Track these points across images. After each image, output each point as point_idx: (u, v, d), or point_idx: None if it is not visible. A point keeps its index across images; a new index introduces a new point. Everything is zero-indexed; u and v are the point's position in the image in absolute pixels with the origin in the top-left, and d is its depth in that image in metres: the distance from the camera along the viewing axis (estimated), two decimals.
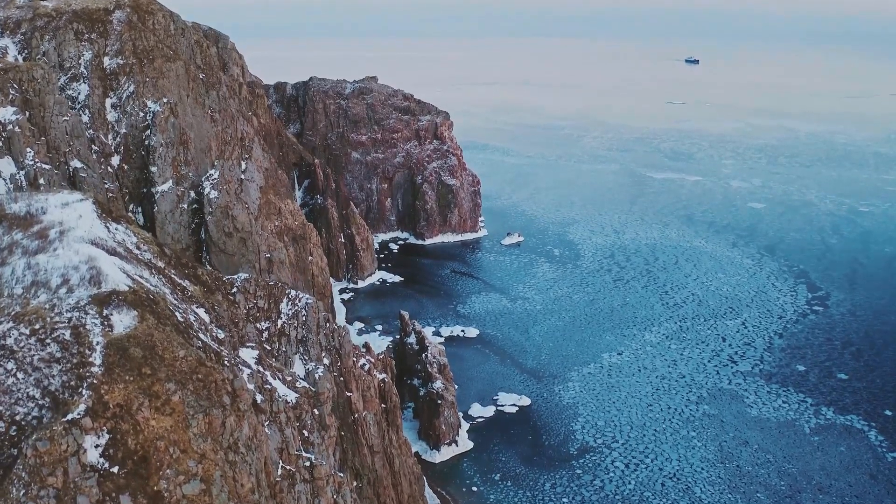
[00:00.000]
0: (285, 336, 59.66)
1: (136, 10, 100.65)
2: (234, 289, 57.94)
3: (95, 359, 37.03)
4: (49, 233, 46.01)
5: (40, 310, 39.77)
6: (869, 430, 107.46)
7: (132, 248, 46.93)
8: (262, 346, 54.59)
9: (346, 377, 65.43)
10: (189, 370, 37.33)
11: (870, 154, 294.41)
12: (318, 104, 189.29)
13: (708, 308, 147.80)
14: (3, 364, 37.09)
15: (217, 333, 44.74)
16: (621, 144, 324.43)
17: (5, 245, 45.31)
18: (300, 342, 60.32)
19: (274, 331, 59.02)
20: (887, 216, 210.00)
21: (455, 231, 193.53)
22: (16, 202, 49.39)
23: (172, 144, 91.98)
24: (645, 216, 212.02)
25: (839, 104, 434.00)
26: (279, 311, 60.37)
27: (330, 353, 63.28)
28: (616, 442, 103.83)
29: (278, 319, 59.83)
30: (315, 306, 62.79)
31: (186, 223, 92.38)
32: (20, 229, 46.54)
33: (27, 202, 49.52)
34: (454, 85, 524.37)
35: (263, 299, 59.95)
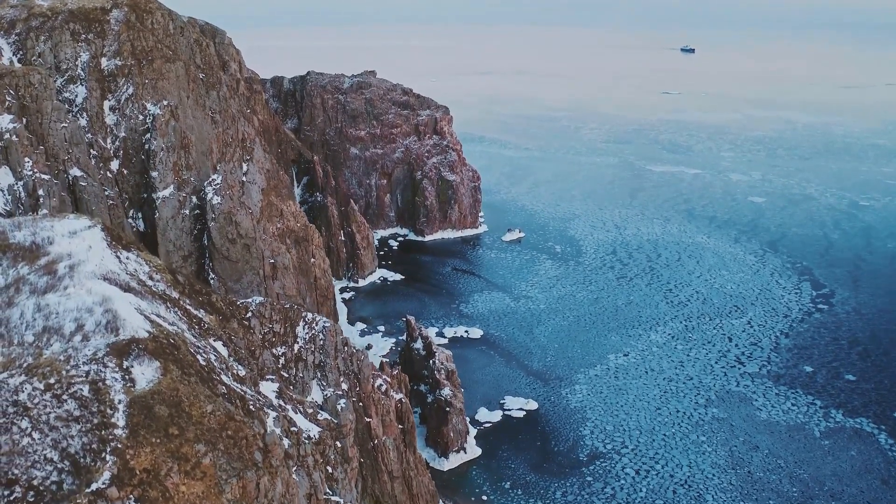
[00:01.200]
0: (302, 361, 58.04)
1: (133, 8, 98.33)
2: (248, 313, 56.29)
3: (118, 419, 34.57)
4: (58, 267, 43.48)
5: (55, 362, 37.11)
6: (879, 433, 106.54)
7: (145, 279, 44.89)
8: (279, 374, 53.03)
9: (364, 402, 63.94)
10: (218, 427, 35.42)
11: (868, 146, 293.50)
12: (316, 99, 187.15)
13: (713, 307, 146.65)
14: (18, 422, 34.31)
15: (238, 370, 43.03)
16: (619, 136, 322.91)
17: (11, 281, 42.54)
18: (318, 367, 58.75)
19: (290, 356, 57.41)
20: (888, 210, 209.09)
21: (455, 227, 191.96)
22: (20, 230, 46.67)
23: (173, 148, 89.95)
24: (646, 211, 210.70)
25: (835, 94, 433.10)
26: (295, 336, 58.70)
27: (348, 377, 61.73)
28: (626, 447, 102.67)
29: (295, 344, 58.19)
30: (333, 329, 61.20)
31: (188, 229, 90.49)
32: (26, 262, 44.03)
33: (32, 230, 46.97)
34: (448, 75, 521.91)
35: (279, 323, 58.28)
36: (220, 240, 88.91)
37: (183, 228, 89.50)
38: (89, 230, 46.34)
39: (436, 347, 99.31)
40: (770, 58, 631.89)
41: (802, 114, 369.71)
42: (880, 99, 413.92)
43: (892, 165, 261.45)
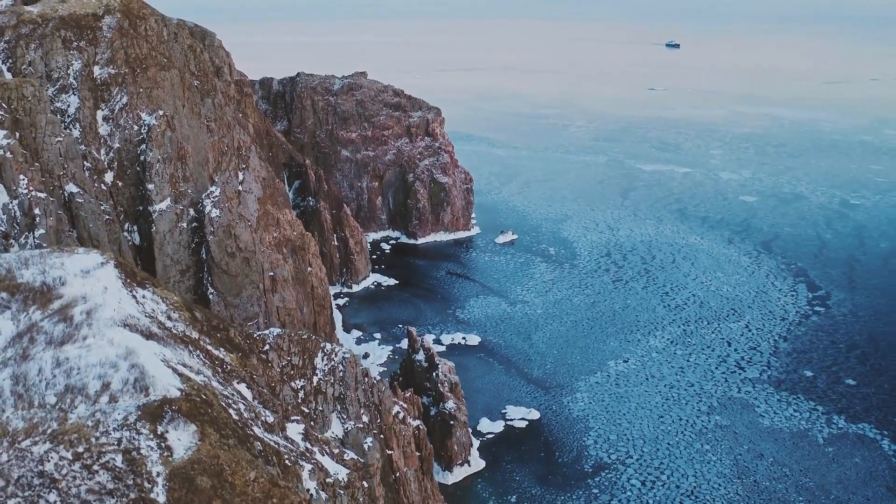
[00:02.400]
0: (322, 394, 56.60)
1: (126, 15, 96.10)
2: (266, 346, 54.73)
3: (158, 494, 32.18)
4: (73, 312, 40.84)
5: (82, 428, 34.49)
6: (882, 439, 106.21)
7: (164, 320, 43.09)
8: (300, 410, 51.57)
9: (386, 434, 62.57)
10: (263, 496, 33.68)
11: (856, 143, 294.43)
12: (307, 101, 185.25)
13: (710, 310, 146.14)
14: (45, 496, 31.46)
15: (265, 416, 41.51)
16: (607, 134, 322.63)
17: (24, 328, 39.81)
18: (337, 400, 57.30)
19: (310, 389, 55.91)
20: (879, 209, 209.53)
21: (448, 230, 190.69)
22: (27, 267, 44.28)
23: (170, 160, 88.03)
24: (638, 211, 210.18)
25: (821, 90, 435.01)
26: (314, 367, 57.24)
27: (369, 409, 60.34)
28: (630, 458, 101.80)
29: (313, 376, 56.71)
30: (353, 360, 59.80)
31: (186, 243, 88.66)
32: (38, 306, 41.50)
33: (41, 268, 44.56)
34: (433, 71, 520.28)
35: (297, 355, 56.78)
36: (220, 254, 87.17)
37: (180, 242, 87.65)
38: (102, 268, 44.11)
39: (438, 359, 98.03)
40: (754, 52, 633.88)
41: (789, 110, 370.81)
42: (866, 94, 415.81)
43: (880, 163, 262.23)
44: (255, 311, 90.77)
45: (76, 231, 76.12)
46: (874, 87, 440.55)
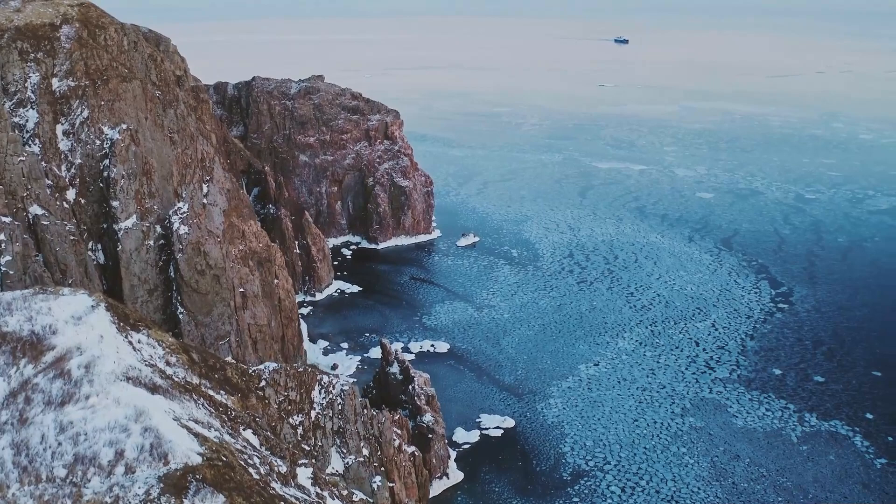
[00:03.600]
0: (321, 429, 54.52)
1: (85, 24, 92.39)
2: (262, 382, 52.44)
3: None
4: (70, 366, 37.23)
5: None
6: (854, 435, 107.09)
7: (163, 367, 40.45)
8: (300, 448, 49.48)
9: (387, 467, 60.67)
10: None
11: (806, 137, 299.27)
12: (263, 105, 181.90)
13: (676, 310, 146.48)
14: None
15: (278, 465, 39.41)
16: (562, 132, 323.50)
17: (17, 386, 35.99)
18: (337, 433, 55.30)
19: (308, 424, 53.76)
20: (833, 203, 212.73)
21: (409, 233, 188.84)
22: (11, 314, 40.24)
23: (135, 175, 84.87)
24: (597, 210, 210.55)
25: (768, 84, 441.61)
26: (311, 401, 55.06)
27: (369, 441, 58.40)
28: (608, 464, 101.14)
29: (311, 411, 54.56)
30: (351, 392, 57.76)
31: (153, 261, 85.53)
32: (29, 359, 37.77)
33: (27, 314, 40.66)
34: (383, 70, 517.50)
35: (294, 390, 54.56)
36: (189, 272, 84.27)
37: (148, 261, 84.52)
38: (94, 312, 40.88)
39: (413, 372, 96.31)
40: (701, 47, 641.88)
41: (738, 104, 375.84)
42: (813, 88, 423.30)
43: (831, 156, 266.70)
44: (226, 330, 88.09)
45: (42, 255, 72.95)
46: (820, 81, 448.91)
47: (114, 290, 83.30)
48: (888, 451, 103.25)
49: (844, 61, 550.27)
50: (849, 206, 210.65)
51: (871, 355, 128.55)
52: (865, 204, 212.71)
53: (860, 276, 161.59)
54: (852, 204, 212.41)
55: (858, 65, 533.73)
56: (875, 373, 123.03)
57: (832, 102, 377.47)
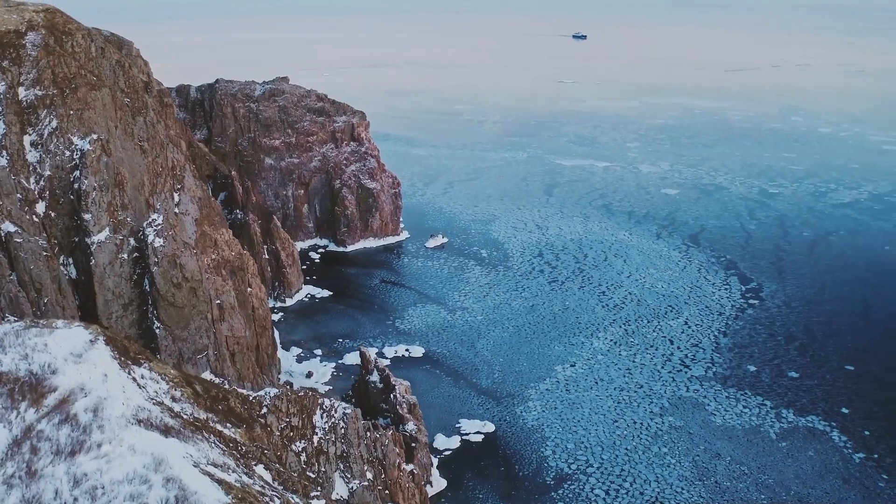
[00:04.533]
0: (324, 454, 52.97)
1: (51, 31, 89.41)
2: (263, 409, 50.68)
3: None
4: (75, 410, 34.27)
5: None
6: (831, 430, 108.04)
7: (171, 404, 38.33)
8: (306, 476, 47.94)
9: (392, 489, 59.37)
10: None
11: (766, 131, 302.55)
12: (227, 108, 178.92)
13: (648, 308, 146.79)
14: None
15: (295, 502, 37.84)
16: (524, 129, 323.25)
17: (20, 434, 32.96)
18: (340, 458, 53.82)
19: (311, 450, 52.14)
20: (797, 197, 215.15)
21: (377, 236, 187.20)
22: (4, 351, 37.13)
23: (107, 187, 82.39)
24: (564, 208, 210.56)
25: (725, 78, 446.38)
26: (313, 426, 53.42)
27: (372, 464, 56.98)
28: (591, 466, 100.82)
29: (314, 436, 52.94)
30: (354, 415, 56.28)
31: (128, 275, 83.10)
32: (30, 403, 34.81)
33: (21, 352, 37.50)
34: (339, 69, 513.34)
35: (296, 415, 52.87)
36: (165, 285, 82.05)
37: (122, 275, 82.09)
38: (93, 347, 38.15)
39: (394, 380, 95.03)
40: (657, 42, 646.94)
41: (697, 99, 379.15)
42: (769, 82, 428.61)
43: (792, 150, 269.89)
44: (204, 344, 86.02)
45: (16, 274, 70.35)
46: (776, 74, 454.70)
47: (87, 306, 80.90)
48: (865, 446, 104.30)
49: (800, 55, 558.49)
50: (812, 200, 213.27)
51: (843, 349, 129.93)
52: (828, 198, 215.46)
53: (827, 270, 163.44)
54: (815, 198, 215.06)
55: (814, 58, 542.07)
56: (848, 367, 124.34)
57: (790, 96, 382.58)
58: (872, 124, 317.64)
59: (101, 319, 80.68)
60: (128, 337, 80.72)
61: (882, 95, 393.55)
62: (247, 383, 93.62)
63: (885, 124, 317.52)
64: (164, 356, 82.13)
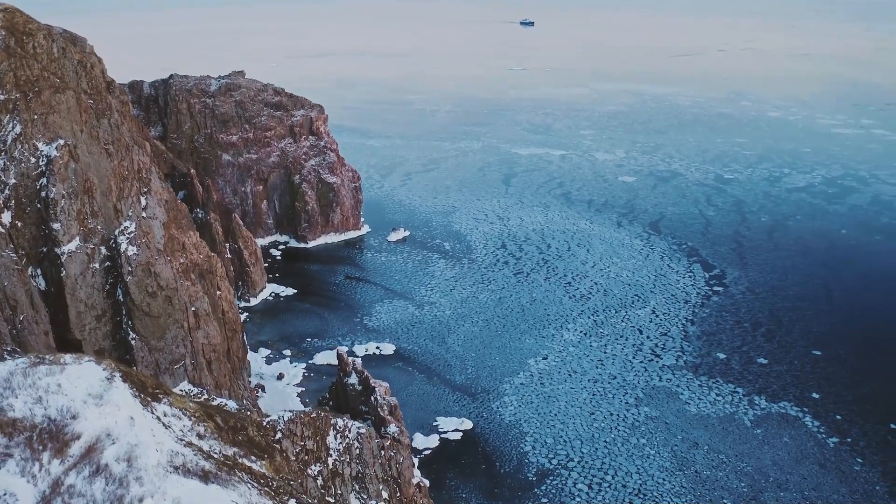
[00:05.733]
0: (339, 476, 51.45)
1: (11, 32, 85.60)
2: (277, 434, 48.84)
3: None
4: (106, 460, 31.05)
5: None
6: (804, 416, 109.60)
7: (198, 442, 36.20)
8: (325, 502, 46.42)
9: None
10: None
11: (716, 116, 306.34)
12: (182, 104, 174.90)
13: (615, 298, 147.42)
14: None
15: None
16: (477, 118, 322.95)
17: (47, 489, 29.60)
18: (355, 479, 52.38)
19: (327, 473, 50.49)
20: (752, 183, 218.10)
21: (338, 231, 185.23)
22: (14, 394, 33.31)
23: (76, 194, 79.49)
24: (523, 198, 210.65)
25: (672, 64, 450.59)
26: (327, 448, 51.79)
27: (388, 483, 55.74)
28: (572, 460, 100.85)
29: (328, 458, 51.33)
30: (368, 434, 54.91)
31: (100, 285, 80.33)
32: (53, 453, 31.29)
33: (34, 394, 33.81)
34: (286, 59, 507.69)
35: (310, 438, 51.14)
36: (140, 295, 79.55)
37: (94, 285, 79.34)
38: (111, 386, 34.54)
39: (374, 381, 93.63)
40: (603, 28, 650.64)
41: (646, 85, 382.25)
42: (716, 66, 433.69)
43: (744, 135, 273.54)
44: (181, 353, 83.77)
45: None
46: (722, 59, 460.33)
47: (58, 319, 78.13)
48: (838, 430, 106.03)
49: (744, 39, 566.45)
50: (767, 184, 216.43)
51: (809, 334, 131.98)
52: (783, 182, 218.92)
53: (787, 255, 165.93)
54: (770, 183, 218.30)
55: (758, 42, 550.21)
56: (815, 352, 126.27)
57: (737, 81, 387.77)
58: (820, 108, 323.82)
59: (73, 332, 78.15)
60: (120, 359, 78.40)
61: (828, 79, 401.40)
62: (224, 391, 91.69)
63: (833, 108, 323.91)
64: (141, 368, 79.84)
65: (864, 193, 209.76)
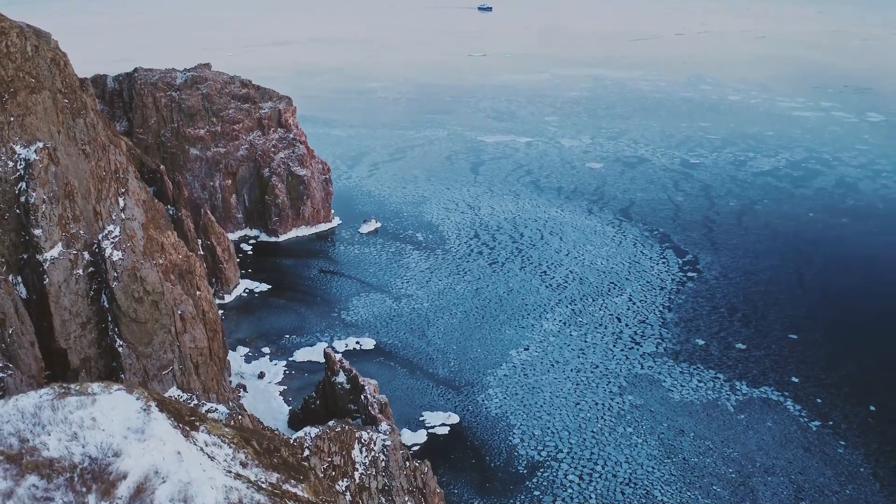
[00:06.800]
0: (366, 490, 50.67)
1: None
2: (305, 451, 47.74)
3: None
4: (159, 500, 28.99)
5: None
6: (784, 400, 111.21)
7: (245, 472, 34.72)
8: None
9: None
10: None
11: (679, 101, 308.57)
12: (147, 98, 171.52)
13: (591, 286, 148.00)
14: None
15: None
16: (440, 106, 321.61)
17: None
18: (382, 492, 51.64)
19: (353, 488, 49.59)
20: (718, 167, 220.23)
21: (309, 224, 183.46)
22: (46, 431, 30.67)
23: (57, 199, 77.34)
24: (493, 187, 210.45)
25: (631, 48, 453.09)
26: (353, 462, 50.86)
27: (413, 494, 55.00)
28: (561, 452, 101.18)
29: (355, 472, 50.40)
30: (394, 446, 54.13)
31: (84, 292, 78.37)
32: (100, 495, 28.86)
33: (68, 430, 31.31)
34: (245, 47, 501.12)
35: (337, 454, 50.14)
36: (126, 301, 77.76)
37: (78, 292, 77.35)
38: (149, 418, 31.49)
39: (363, 380, 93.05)
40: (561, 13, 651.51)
41: (607, 69, 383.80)
42: (675, 50, 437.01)
43: (707, 119, 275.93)
44: (168, 359, 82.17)
45: None
46: (680, 43, 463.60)
47: (41, 328, 76.15)
48: (820, 414, 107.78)
49: (700, 22, 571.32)
50: (733, 169, 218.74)
51: (785, 318, 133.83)
52: (748, 166, 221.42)
53: (757, 239, 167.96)
54: (736, 167, 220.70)
55: (714, 25, 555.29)
56: (791, 336, 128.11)
57: (696, 65, 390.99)
58: (779, 91, 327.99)
59: (58, 341, 76.29)
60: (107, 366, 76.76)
61: (785, 62, 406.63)
62: (212, 395, 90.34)
63: (792, 90, 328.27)
64: (129, 375, 78.27)
65: (828, 176, 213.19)
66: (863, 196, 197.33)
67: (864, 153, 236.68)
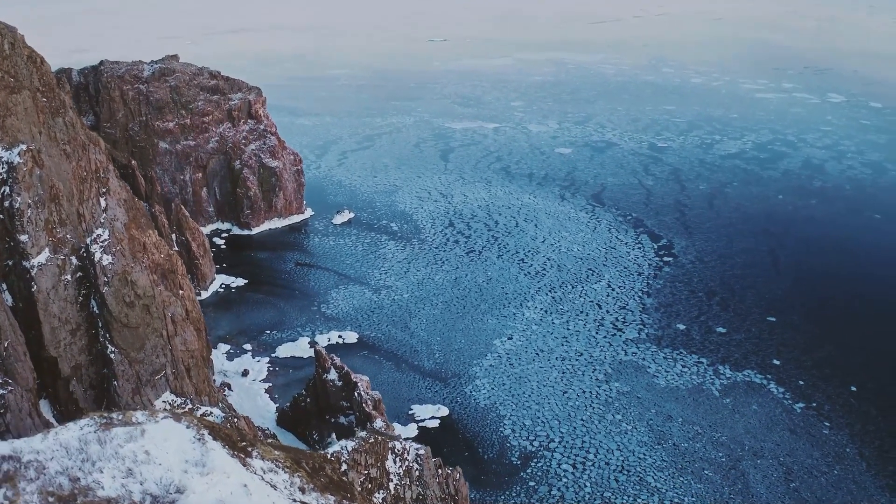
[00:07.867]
0: (402, 501, 50.14)
1: None
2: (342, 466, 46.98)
3: None
4: None
5: None
6: (768, 383, 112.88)
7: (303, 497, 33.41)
8: None
9: None
10: None
11: (642, 84, 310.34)
12: (114, 91, 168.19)
13: (569, 273, 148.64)
14: None
15: None
16: (405, 93, 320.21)
17: None
18: (417, 501, 51.15)
19: (390, 499, 48.95)
20: (686, 150, 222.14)
21: (281, 216, 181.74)
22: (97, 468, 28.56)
23: (42, 203, 75.48)
24: (464, 174, 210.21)
25: (591, 31, 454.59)
26: (388, 473, 50.23)
27: (446, 502, 54.59)
28: (553, 441, 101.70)
29: (389, 483, 49.79)
30: (427, 455, 53.54)
31: (73, 298, 76.62)
32: None
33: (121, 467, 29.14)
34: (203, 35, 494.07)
35: (373, 466, 49.43)
36: (117, 306, 76.21)
37: (67, 298, 75.61)
38: (206, 448, 29.03)
39: (355, 376, 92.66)
40: None
41: (568, 53, 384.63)
42: (635, 33, 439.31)
43: (671, 102, 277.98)
44: (161, 363, 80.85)
45: None
46: (639, 25, 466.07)
47: (29, 335, 74.44)
48: (803, 396, 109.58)
49: (658, 4, 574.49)
50: (701, 152, 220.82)
51: (762, 301, 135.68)
52: (716, 149, 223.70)
53: (729, 222, 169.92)
54: (703, 150, 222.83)
55: (671, 7, 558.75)
56: (770, 318, 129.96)
57: (657, 47, 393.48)
58: (741, 73, 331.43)
59: (48, 349, 74.72)
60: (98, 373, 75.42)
61: (744, 43, 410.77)
62: (204, 397, 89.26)
63: (753, 72, 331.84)
64: (122, 382, 76.94)
65: (794, 158, 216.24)
66: (829, 177, 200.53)
67: (828, 134, 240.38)
